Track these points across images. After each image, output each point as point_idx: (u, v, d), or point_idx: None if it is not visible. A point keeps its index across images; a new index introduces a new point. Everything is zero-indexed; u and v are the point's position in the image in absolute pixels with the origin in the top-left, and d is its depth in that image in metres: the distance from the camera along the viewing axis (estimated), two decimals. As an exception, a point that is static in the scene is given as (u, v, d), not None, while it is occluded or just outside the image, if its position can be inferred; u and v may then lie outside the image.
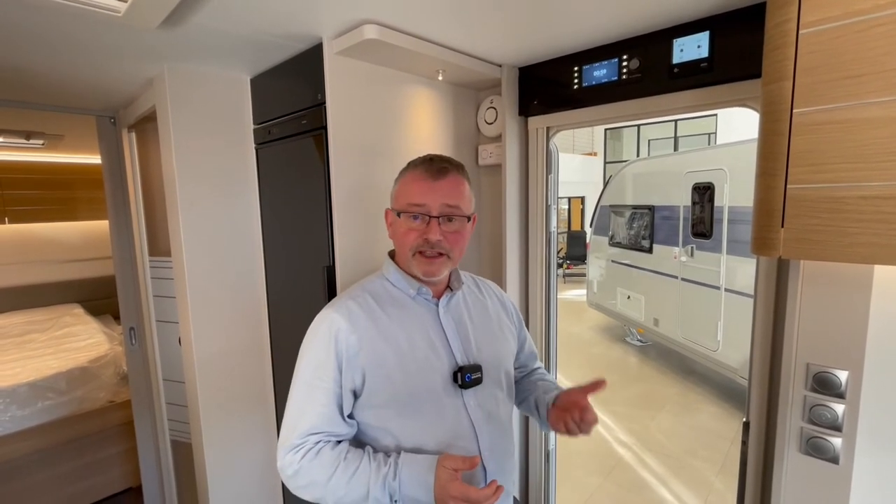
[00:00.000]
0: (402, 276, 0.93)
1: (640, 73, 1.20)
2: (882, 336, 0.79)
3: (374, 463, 0.79)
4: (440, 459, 0.79)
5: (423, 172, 0.90)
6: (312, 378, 0.84)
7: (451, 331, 0.92)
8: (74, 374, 2.55)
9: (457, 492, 0.75)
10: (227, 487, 1.59)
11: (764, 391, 1.04)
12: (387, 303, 0.90)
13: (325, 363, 0.83)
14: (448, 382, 0.88)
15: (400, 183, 0.94)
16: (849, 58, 0.63)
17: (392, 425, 0.85)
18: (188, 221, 1.45)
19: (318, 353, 0.84)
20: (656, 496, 2.76)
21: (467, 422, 0.89)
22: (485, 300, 1.04)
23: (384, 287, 0.94)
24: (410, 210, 0.89)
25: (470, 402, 0.89)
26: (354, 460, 0.80)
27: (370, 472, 0.78)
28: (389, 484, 0.77)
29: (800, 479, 0.89)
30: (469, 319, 0.96)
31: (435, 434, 0.86)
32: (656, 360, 5.03)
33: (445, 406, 0.87)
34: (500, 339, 1.01)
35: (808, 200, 0.68)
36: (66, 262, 3.88)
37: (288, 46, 1.28)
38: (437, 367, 0.88)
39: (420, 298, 0.93)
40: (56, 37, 1.14)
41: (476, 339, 0.94)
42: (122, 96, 1.74)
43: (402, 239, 0.90)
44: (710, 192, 3.90)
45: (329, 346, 0.83)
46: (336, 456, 0.80)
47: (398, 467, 0.79)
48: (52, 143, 2.61)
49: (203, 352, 1.50)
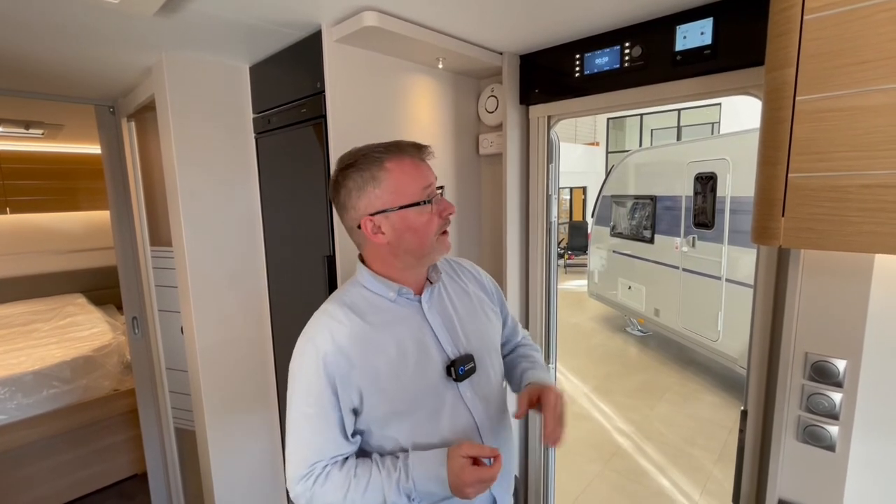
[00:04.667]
0: (378, 281, 0.88)
1: (643, 61, 1.19)
2: (881, 325, 0.80)
3: (384, 470, 0.80)
4: (451, 450, 0.80)
5: (411, 157, 0.85)
6: (308, 407, 0.81)
7: (438, 326, 0.90)
8: (79, 362, 2.57)
9: (471, 478, 0.77)
10: (230, 473, 1.61)
11: (762, 380, 1.05)
12: (368, 313, 0.86)
13: (319, 390, 0.80)
14: (443, 378, 0.88)
15: (392, 176, 0.83)
16: (853, 44, 0.62)
17: (394, 431, 0.85)
18: (189, 211, 1.45)
19: (310, 381, 0.81)
20: (655, 484, 2.79)
21: (465, 412, 0.89)
22: (465, 285, 1.01)
23: (362, 296, 0.88)
24: (429, 194, 0.84)
25: (466, 393, 0.90)
26: (364, 473, 0.80)
27: (382, 480, 0.79)
28: (403, 486, 0.78)
29: (796, 467, 0.90)
30: (453, 310, 0.94)
31: (436, 430, 0.86)
32: (656, 349, 5.05)
33: (444, 402, 0.87)
34: (485, 321, 0.99)
35: (809, 189, 0.67)
36: (68, 253, 3.90)
37: (287, 34, 1.26)
38: (431, 367, 0.87)
39: (401, 300, 0.89)
40: (53, 25, 1.13)
41: (463, 328, 0.93)
42: (120, 85, 1.73)
43: (426, 229, 0.84)
44: (712, 182, 3.88)
45: (319, 372, 0.80)
46: (346, 474, 0.80)
47: (409, 469, 0.79)
48: (51, 133, 2.60)
49: (205, 341, 1.51)
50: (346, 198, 0.85)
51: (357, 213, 0.84)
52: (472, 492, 0.78)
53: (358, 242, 0.91)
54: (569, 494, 2.71)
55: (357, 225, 0.86)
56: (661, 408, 3.75)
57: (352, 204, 0.85)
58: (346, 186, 0.85)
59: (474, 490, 0.78)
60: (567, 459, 3.02)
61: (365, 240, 0.87)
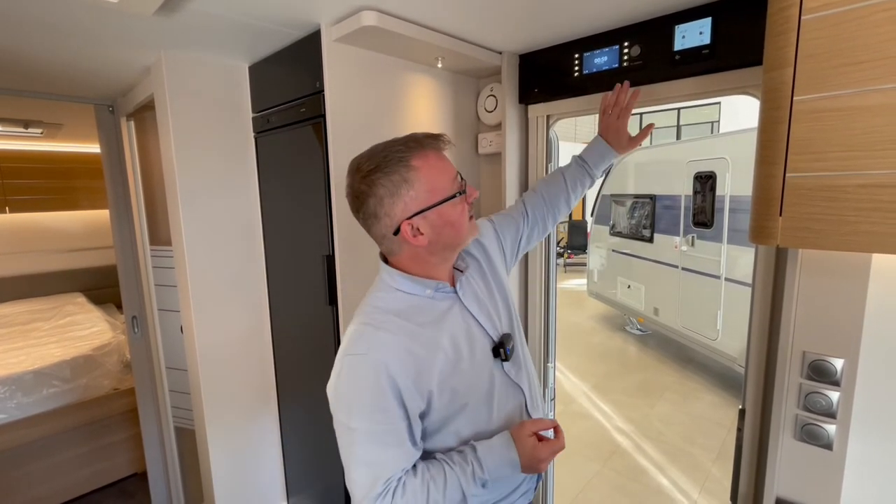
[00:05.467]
0: (413, 282, 0.84)
1: (642, 61, 1.19)
2: (878, 324, 0.80)
3: (457, 467, 0.80)
4: (514, 432, 0.83)
5: (434, 152, 0.81)
6: (374, 424, 0.77)
7: (477, 311, 0.90)
8: (78, 362, 2.57)
9: (545, 453, 0.81)
10: (230, 472, 1.62)
11: (760, 379, 1.05)
12: (413, 315, 0.83)
13: (384, 405, 0.76)
14: (493, 362, 0.89)
15: (421, 174, 0.78)
16: (851, 44, 0.63)
17: (458, 425, 0.85)
18: (188, 210, 1.45)
19: (372, 398, 0.76)
20: (654, 482, 2.80)
21: (514, 389, 0.92)
22: (476, 261, 0.99)
23: (400, 300, 0.84)
24: (461, 185, 0.82)
25: (511, 371, 0.92)
26: (439, 474, 0.79)
27: (458, 476, 0.79)
28: (479, 477, 0.79)
29: (794, 466, 0.90)
30: (481, 292, 0.94)
31: (490, 414, 0.88)
32: (655, 349, 5.05)
33: (494, 384, 0.89)
34: (503, 289, 0.99)
35: (806, 189, 0.67)
36: (67, 252, 3.90)
37: (286, 33, 1.26)
38: (483, 353, 0.88)
39: (439, 294, 0.86)
40: (52, 24, 1.13)
41: (493, 307, 0.93)
42: (119, 84, 1.73)
43: (460, 220, 0.82)
44: (711, 181, 3.88)
45: (381, 386, 0.76)
46: (421, 480, 0.78)
47: (480, 460, 0.80)
48: (50, 132, 2.60)
49: (205, 340, 1.52)
50: (378, 206, 0.78)
51: (393, 219, 0.79)
52: (545, 465, 0.83)
53: (390, 249, 0.84)
54: (568, 493, 2.72)
55: (394, 231, 0.80)
56: (660, 406, 3.76)
57: (385, 211, 0.78)
58: (375, 195, 0.78)
59: (547, 463, 0.83)
60: (566, 458, 3.02)
61: (403, 244, 0.82)
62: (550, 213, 1.16)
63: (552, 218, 1.17)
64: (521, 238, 1.12)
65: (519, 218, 1.12)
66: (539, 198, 1.16)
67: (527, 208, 1.14)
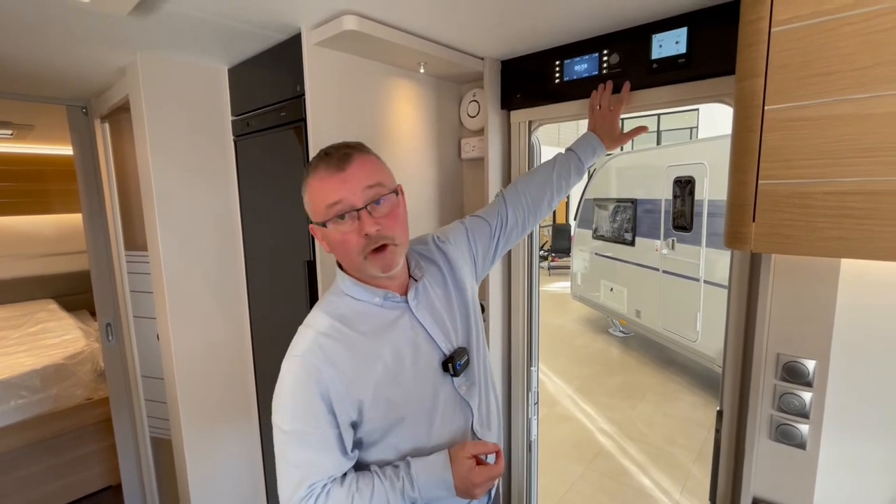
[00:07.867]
0: (361, 288, 0.84)
1: (621, 68, 1.21)
2: (847, 327, 0.82)
3: (387, 481, 0.78)
4: (453, 452, 0.80)
5: (325, 169, 0.78)
6: (304, 427, 0.76)
7: (430, 324, 0.87)
8: (49, 371, 2.48)
9: (480, 478, 0.77)
10: (208, 484, 1.58)
11: (737, 380, 1.07)
12: (357, 322, 0.82)
13: (314, 409, 0.76)
14: (440, 376, 0.86)
15: (308, 191, 0.81)
16: (819, 56, 0.65)
17: (395, 438, 0.83)
18: (165, 215, 1.42)
19: (303, 402, 0.76)
20: (636, 483, 2.83)
21: (461, 405, 0.88)
22: (439, 269, 0.95)
23: (348, 305, 0.84)
24: (333, 213, 0.77)
25: (461, 387, 0.88)
26: (367, 486, 0.77)
27: (387, 491, 0.77)
28: (409, 496, 0.77)
29: (769, 465, 0.92)
30: (439, 302, 0.91)
31: (432, 430, 0.85)
32: (638, 350, 5.13)
33: (439, 399, 0.85)
34: (464, 301, 0.95)
35: (778, 196, 0.69)
36: (39, 257, 3.77)
37: (266, 36, 1.25)
38: (428, 367, 0.85)
39: (388, 303, 0.85)
40: (22, 22, 1.09)
41: (450, 319, 0.90)
42: (93, 85, 1.68)
43: (344, 248, 0.80)
44: (690, 185, 3.97)
45: (311, 390, 0.76)
46: (348, 490, 0.77)
47: (413, 477, 0.78)
48: (21, 134, 2.52)
49: (182, 348, 1.48)
50: None
51: None
52: (481, 491, 0.78)
53: None
54: (552, 496, 2.73)
55: None
56: (642, 408, 3.81)
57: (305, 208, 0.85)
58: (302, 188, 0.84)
59: (482, 489, 0.78)
60: (549, 462, 3.03)
61: None
62: (532, 215, 1.13)
63: (533, 219, 1.14)
64: (496, 242, 1.08)
65: (496, 220, 1.09)
66: (521, 198, 1.12)
67: (507, 209, 1.10)
